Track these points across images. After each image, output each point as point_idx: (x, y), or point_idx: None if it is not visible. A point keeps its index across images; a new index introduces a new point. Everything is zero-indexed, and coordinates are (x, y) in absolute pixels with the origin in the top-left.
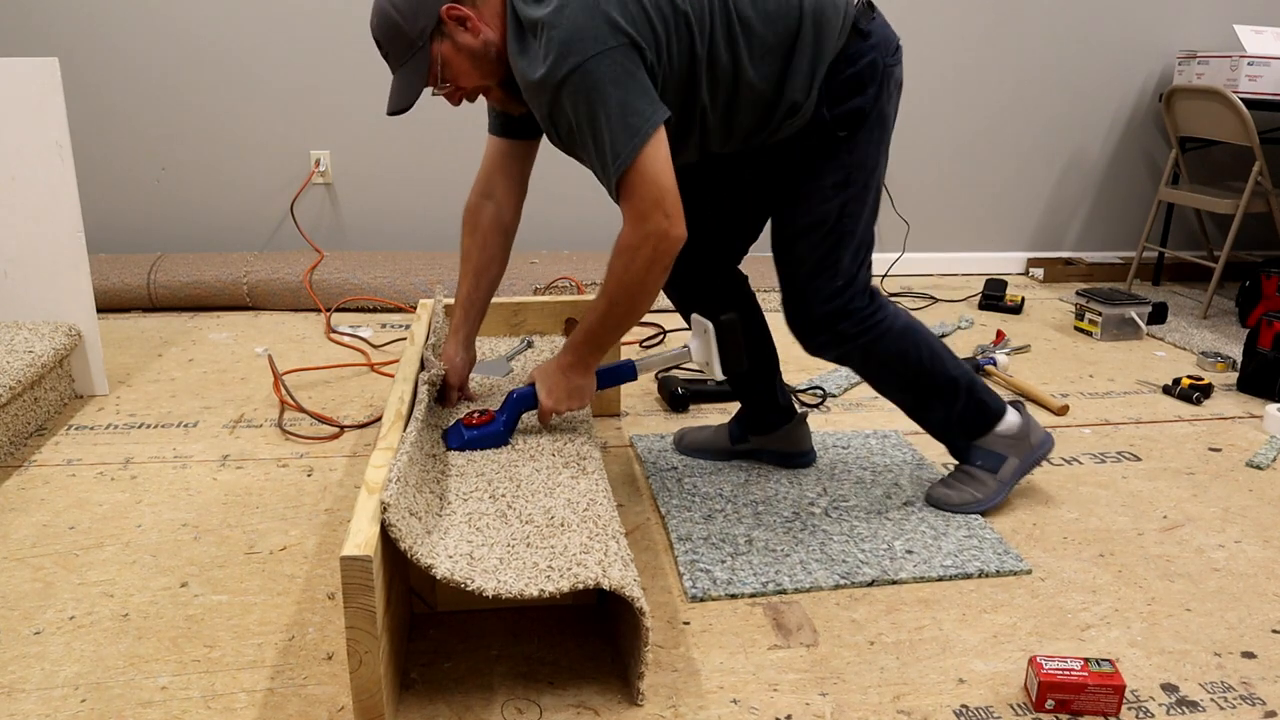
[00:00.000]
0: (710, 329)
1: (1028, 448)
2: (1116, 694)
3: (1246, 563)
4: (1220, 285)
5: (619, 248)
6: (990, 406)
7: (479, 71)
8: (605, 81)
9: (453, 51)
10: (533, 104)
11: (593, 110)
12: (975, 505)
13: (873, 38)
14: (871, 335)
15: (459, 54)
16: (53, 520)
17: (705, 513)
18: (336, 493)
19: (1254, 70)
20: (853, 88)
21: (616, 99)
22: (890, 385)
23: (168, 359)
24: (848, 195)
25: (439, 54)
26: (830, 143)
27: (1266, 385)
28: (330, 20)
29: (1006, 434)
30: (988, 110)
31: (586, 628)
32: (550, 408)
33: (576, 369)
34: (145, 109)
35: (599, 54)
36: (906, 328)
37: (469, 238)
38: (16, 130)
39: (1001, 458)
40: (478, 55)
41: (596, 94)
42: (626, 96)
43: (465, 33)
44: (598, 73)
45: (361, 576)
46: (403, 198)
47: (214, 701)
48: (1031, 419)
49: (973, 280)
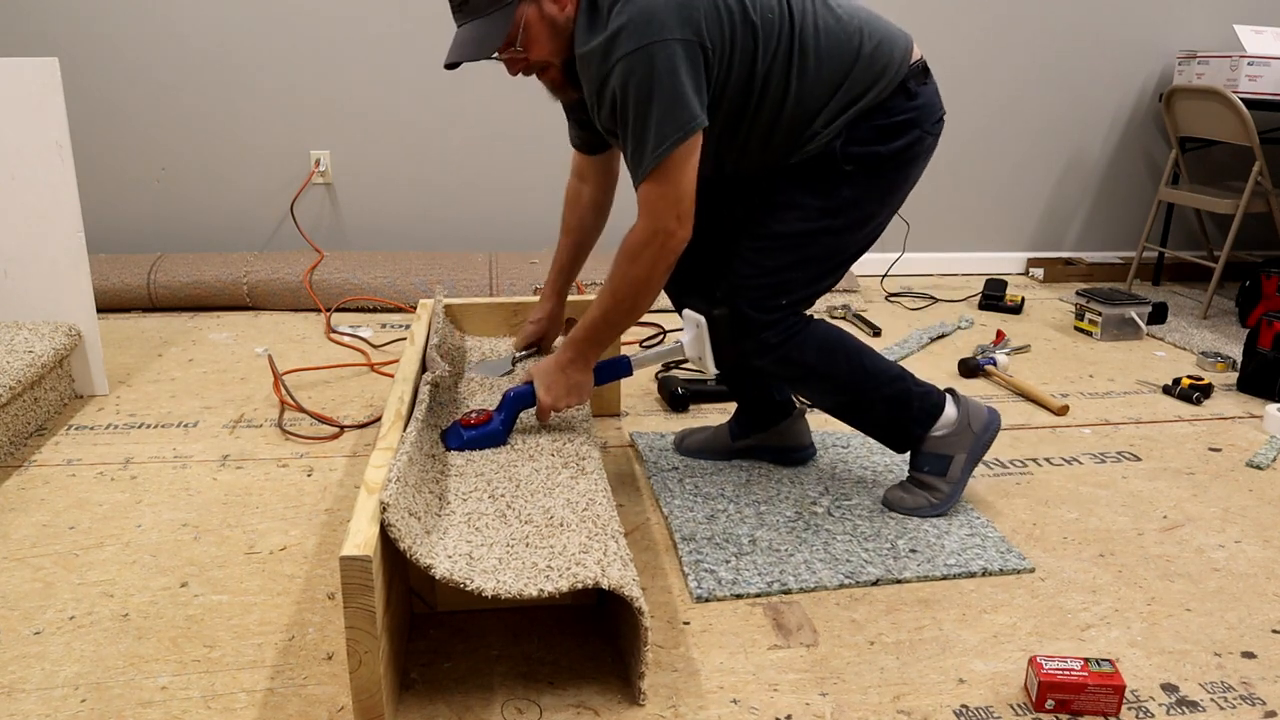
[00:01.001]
0: (703, 324)
1: (970, 438)
2: (1116, 694)
3: (1246, 563)
4: (1220, 285)
5: (628, 244)
6: (921, 412)
7: (552, 44)
8: (663, 70)
9: (537, 17)
10: (584, 75)
11: (644, 93)
12: (929, 510)
13: (918, 99)
14: (793, 343)
15: (541, 21)
16: (53, 520)
17: (708, 513)
18: (336, 493)
19: (1254, 70)
20: (878, 136)
21: (670, 90)
22: (815, 396)
23: (168, 359)
24: (831, 224)
25: (523, 16)
26: (834, 173)
27: (1266, 385)
28: (330, 20)
29: (945, 433)
30: (988, 110)
31: (586, 628)
32: (549, 405)
33: (575, 365)
34: (145, 109)
35: (664, 41)
36: (826, 336)
37: (570, 213)
38: (16, 130)
39: (946, 458)
40: (557, 27)
41: (653, 79)
42: (679, 90)
43: (553, 2)
44: (658, 59)
45: (361, 576)
46: (403, 198)
47: (214, 701)
48: (968, 402)
49: (973, 280)
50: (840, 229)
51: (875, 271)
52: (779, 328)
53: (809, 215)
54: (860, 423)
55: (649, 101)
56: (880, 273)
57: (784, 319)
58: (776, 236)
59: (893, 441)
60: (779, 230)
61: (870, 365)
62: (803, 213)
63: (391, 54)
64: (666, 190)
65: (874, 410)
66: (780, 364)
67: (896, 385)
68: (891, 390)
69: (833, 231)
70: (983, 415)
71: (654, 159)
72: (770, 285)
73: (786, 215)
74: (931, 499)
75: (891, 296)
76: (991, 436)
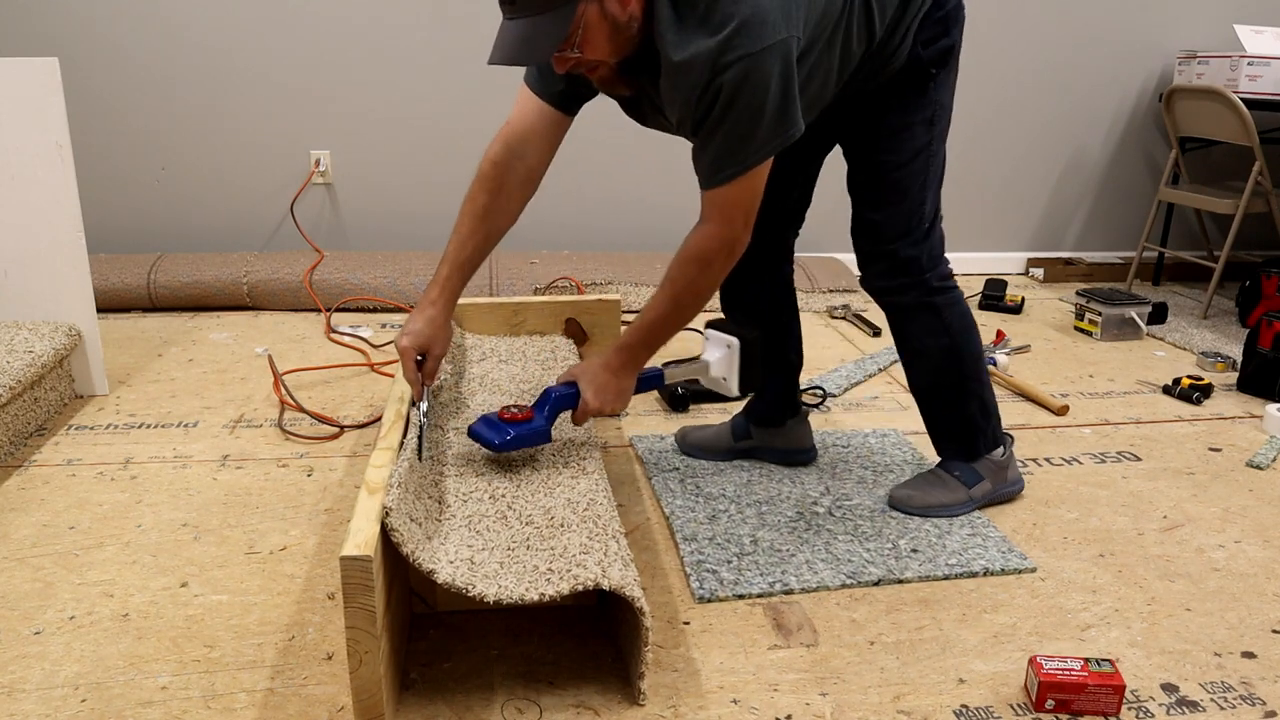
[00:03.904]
0: (735, 345)
1: (1004, 479)
2: (1116, 694)
3: (1246, 563)
4: (1220, 285)
5: (697, 250)
6: (997, 431)
7: (611, 45)
8: (777, 75)
9: (598, 18)
10: (674, 82)
11: (756, 100)
12: (940, 511)
13: None
14: (948, 297)
15: (603, 21)
16: (53, 520)
17: (709, 513)
18: (336, 493)
19: (1254, 70)
20: (940, 28)
21: (780, 97)
22: (928, 362)
23: (168, 359)
24: (934, 133)
25: (583, 15)
26: (923, 80)
27: (1266, 385)
28: (330, 20)
29: (993, 460)
30: (987, 110)
31: (586, 628)
32: (597, 409)
33: (627, 369)
34: (145, 109)
35: (776, 44)
36: (968, 314)
37: (489, 196)
38: (16, 130)
39: (980, 477)
40: (619, 29)
41: (768, 87)
42: (788, 98)
43: (616, 2)
44: (773, 63)
45: (361, 576)
46: (403, 198)
47: (214, 701)
48: (1013, 456)
49: (973, 280)
50: (941, 132)
51: None
52: (938, 271)
53: (916, 133)
54: (944, 411)
55: (760, 110)
56: None
57: (933, 252)
58: (900, 167)
59: (956, 443)
60: (899, 160)
61: (984, 364)
62: (911, 132)
63: (391, 54)
64: (744, 195)
65: (966, 406)
66: (928, 311)
67: (991, 395)
68: (988, 396)
69: (937, 137)
70: (1016, 471)
71: (745, 168)
72: (913, 218)
73: (898, 141)
74: (944, 499)
75: None
76: (1014, 491)
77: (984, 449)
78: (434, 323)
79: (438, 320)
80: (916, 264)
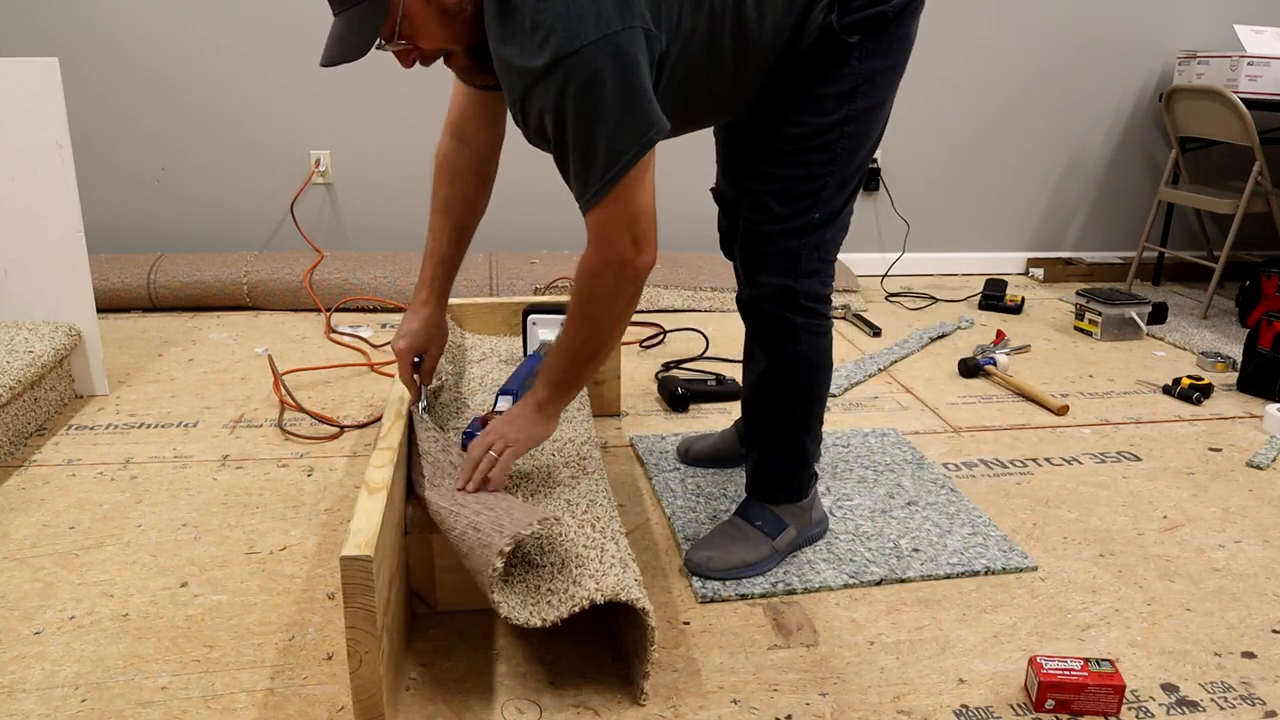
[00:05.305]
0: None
1: (808, 522)
2: (1116, 694)
3: (1246, 563)
4: (1220, 285)
5: (580, 278)
6: (808, 478)
7: (446, 33)
8: (605, 77)
9: (420, 4)
10: (503, 80)
11: (581, 111)
12: (743, 571)
13: None
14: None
15: (427, 7)
16: (53, 520)
17: (710, 513)
18: (336, 493)
19: (1254, 70)
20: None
21: (614, 103)
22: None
23: (168, 359)
24: (853, 109)
25: (401, 4)
26: (841, 48)
27: (1266, 385)
28: (330, 20)
29: (799, 504)
30: (988, 110)
31: (587, 628)
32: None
33: (544, 409)
34: (145, 109)
35: (600, 40)
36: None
37: (447, 186)
38: (16, 130)
39: (784, 525)
40: (449, 14)
41: (591, 93)
42: (627, 100)
43: None
44: (596, 64)
45: (361, 576)
46: (403, 198)
47: (214, 701)
48: (816, 494)
49: (973, 280)
50: (861, 112)
51: (875, 271)
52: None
53: (828, 105)
54: (769, 445)
55: (595, 118)
56: (880, 273)
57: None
58: (799, 139)
59: (766, 483)
60: (795, 133)
61: (821, 411)
62: (821, 105)
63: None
64: (618, 213)
65: (785, 451)
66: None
67: (816, 446)
68: (811, 447)
69: (854, 118)
70: (821, 510)
71: (605, 183)
72: (803, 199)
73: (803, 114)
74: (747, 557)
75: (891, 296)
76: (819, 534)
77: (797, 495)
78: (428, 322)
79: (432, 320)
80: (792, 261)
